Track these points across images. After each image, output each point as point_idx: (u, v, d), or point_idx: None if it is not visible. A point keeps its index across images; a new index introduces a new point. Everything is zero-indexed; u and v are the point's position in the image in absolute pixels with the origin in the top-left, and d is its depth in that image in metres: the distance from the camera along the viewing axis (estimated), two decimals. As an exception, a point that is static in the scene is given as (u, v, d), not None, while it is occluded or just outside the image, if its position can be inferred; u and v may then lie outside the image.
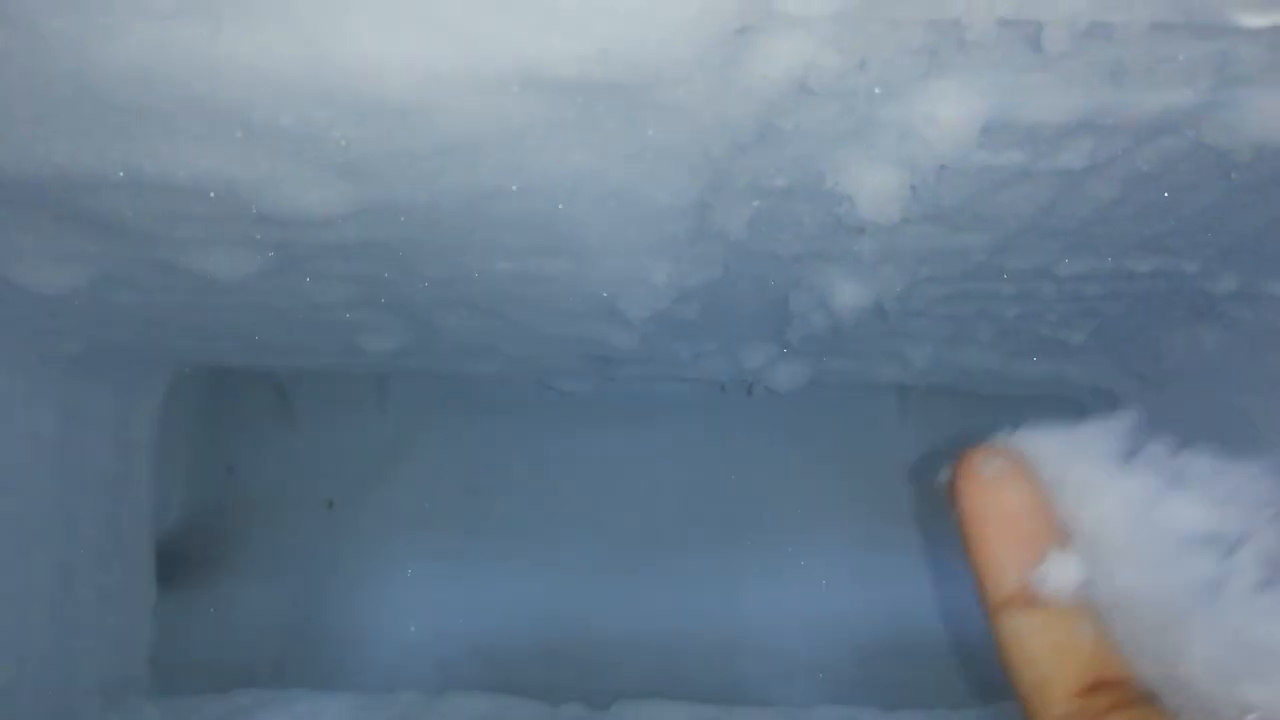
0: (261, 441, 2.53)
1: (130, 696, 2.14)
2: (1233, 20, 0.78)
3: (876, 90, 0.91)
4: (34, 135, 0.78)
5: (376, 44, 0.65)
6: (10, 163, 0.83)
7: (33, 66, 0.65)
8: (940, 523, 2.82)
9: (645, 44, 0.66)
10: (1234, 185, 1.33)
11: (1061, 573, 0.48)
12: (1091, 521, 0.50)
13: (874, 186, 1.15)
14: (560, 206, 0.97)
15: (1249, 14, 0.78)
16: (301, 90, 0.70)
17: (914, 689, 3.02)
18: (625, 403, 3.33)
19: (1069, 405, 2.92)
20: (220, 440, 2.50)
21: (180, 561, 2.36)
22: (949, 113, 0.98)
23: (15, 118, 0.75)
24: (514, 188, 0.89)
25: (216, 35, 0.64)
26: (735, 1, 0.66)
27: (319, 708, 2.33)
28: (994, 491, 0.53)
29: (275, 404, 2.41)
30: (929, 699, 2.75)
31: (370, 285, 1.58)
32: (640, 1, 0.62)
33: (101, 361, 1.96)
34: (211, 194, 0.93)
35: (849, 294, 1.70)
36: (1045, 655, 0.55)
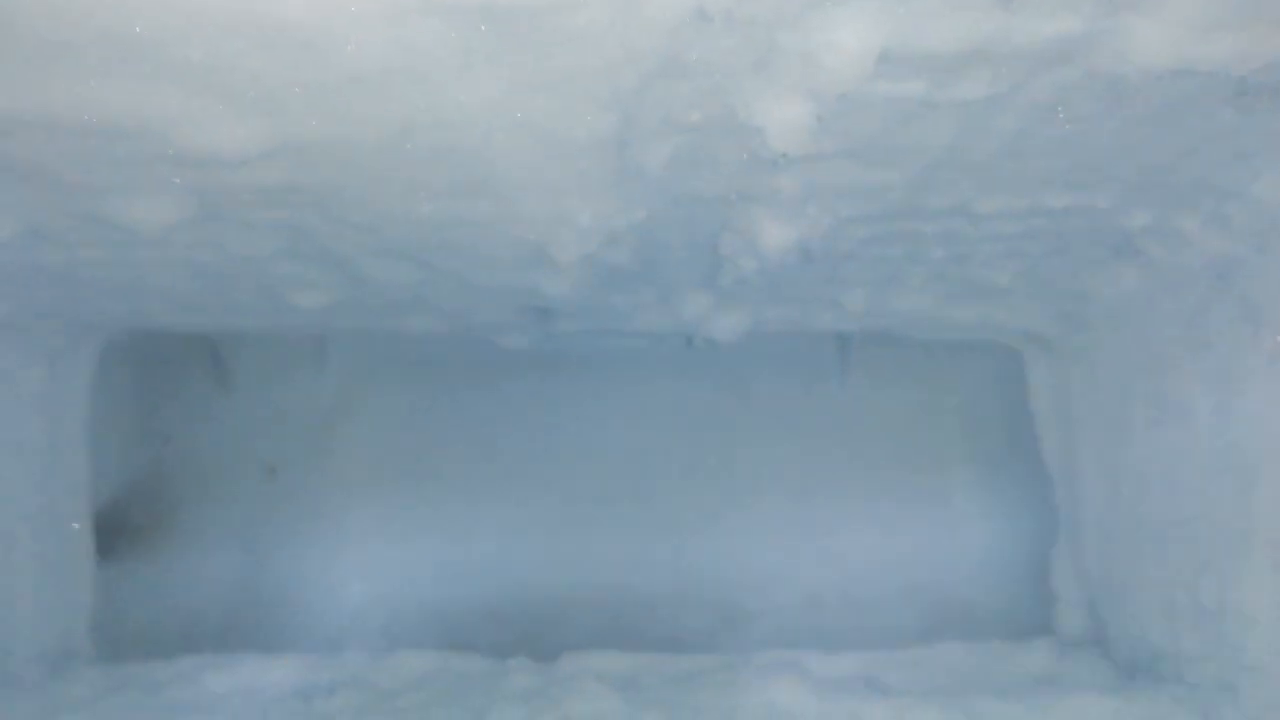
0: (199, 409, 2.53)
1: (73, 664, 2.13)
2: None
3: (771, 17, 0.94)
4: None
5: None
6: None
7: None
8: (881, 469, 2.89)
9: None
10: (1130, 116, 1.39)
11: None
12: None
13: (782, 117, 1.19)
14: (476, 142, 1.00)
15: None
16: (210, 19, 0.72)
17: (859, 632, 3.09)
18: (568, 360, 3.34)
19: (1003, 350, 2.98)
20: (157, 408, 2.49)
21: (120, 531, 2.35)
22: (847, 39, 1.02)
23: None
24: (428, 121, 0.91)
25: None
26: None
27: (265, 670, 2.33)
28: None
29: (212, 371, 2.40)
30: (872, 642, 2.82)
31: (295, 235, 1.59)
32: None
33: (30, 328, 1.94)
34: (128, 134, 0.94)
35: (775, 234, 1.74)
36: None
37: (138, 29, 0.74)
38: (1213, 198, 1.79)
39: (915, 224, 1.88)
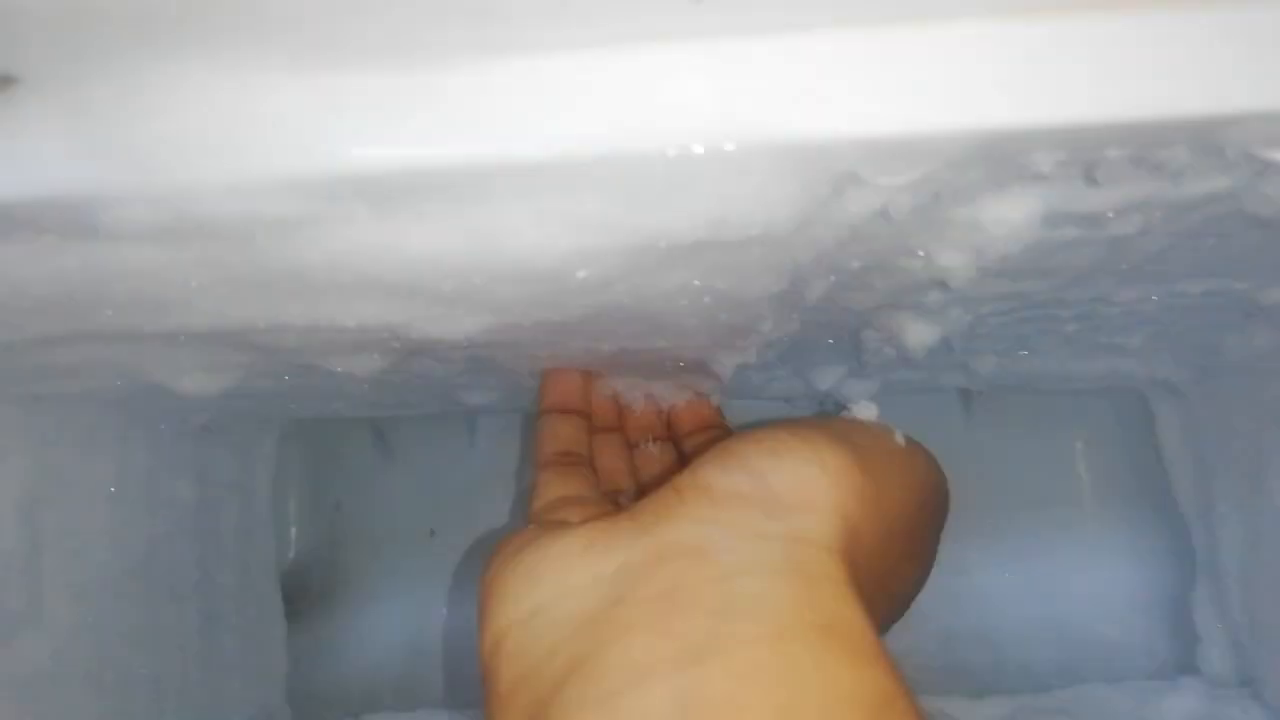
0: (365, 480, 2.71)
1: (273, 728, 2.34)
2: (1266, 157, 0.88)
3: (948, 202, 1.04)
4: (227, 304, 0.92)
5: (533, 236, 0.79)
6: (199, 322, 0.97)
7: (241, 264, 0.80)
8: (1010, 511, 2.89)
9: (754, 211, 0.80)
10: (1276, 232, 1.42)
11: None
12: None
13: (943, 265, 1.27)
14: (662, 307, 1.13)
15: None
16: (459, 263, 0.84)
17: (995, 670, 3.12)
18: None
19: (1130, 396, 2.96)
20: (327, 481, 2.68)
21: (301, 595, 2.55)
22: (1013, 214, 1.10)
23: (211, 294, 0.88)
24: (627, 302, 1.04)
25: (400, 234, 0.78)
26: (829, 175, 0.80)
27: (440, 724, 2.52)
28: None
29: (375, 446, 2.58)
30: (1010, 679, 2.84)
31: (480, 364, 1.72)
32: (752, 185, 0.76)
33: (224, 427, 2.13)
34: (367, 330, 1.08)
35: (918, 333, 1.81)
36: None
37: (403, 276, 0.88)
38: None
39: (1053, 310, 1.92)
